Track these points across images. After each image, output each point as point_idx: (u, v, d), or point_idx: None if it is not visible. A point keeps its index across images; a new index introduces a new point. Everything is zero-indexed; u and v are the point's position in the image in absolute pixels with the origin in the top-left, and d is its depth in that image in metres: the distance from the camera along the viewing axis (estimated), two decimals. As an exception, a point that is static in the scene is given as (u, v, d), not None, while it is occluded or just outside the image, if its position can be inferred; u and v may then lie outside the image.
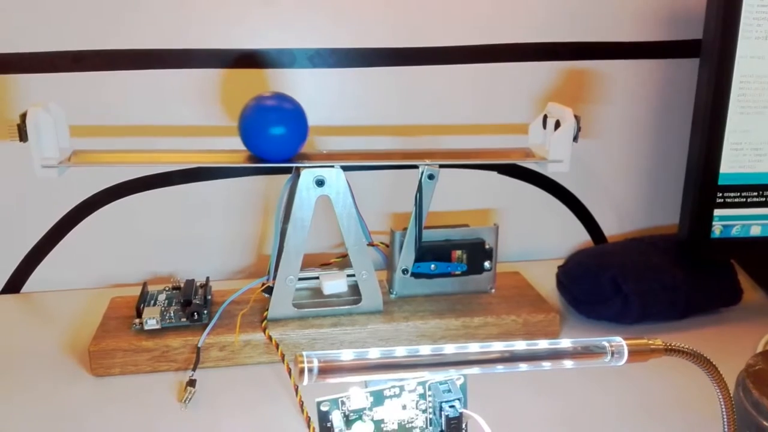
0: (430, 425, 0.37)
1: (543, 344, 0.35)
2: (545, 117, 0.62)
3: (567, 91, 0.77)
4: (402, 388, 0.36)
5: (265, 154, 0.57)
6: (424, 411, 0.36)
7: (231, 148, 0.59)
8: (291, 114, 0.56)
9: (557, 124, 0.59)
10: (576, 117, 0.59)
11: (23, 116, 0.53)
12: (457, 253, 0.63)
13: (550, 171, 0.60)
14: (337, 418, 0.34)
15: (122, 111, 0.70)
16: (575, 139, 0.59)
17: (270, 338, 0.57)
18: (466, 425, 0.36)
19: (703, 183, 0.64)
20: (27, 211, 0.72)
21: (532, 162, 0.61)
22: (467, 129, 0.76)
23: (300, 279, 0.60)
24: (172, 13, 0.68)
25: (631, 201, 0.83)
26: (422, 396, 0.36)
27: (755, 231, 0.67)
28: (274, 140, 0.55)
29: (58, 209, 0.72)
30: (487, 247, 0.63)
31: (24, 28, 0.66)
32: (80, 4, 0.66)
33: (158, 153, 0.60)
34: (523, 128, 0.64)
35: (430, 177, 0.59)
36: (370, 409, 0.35)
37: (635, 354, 0.35)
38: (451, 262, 0.63)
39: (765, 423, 0.40)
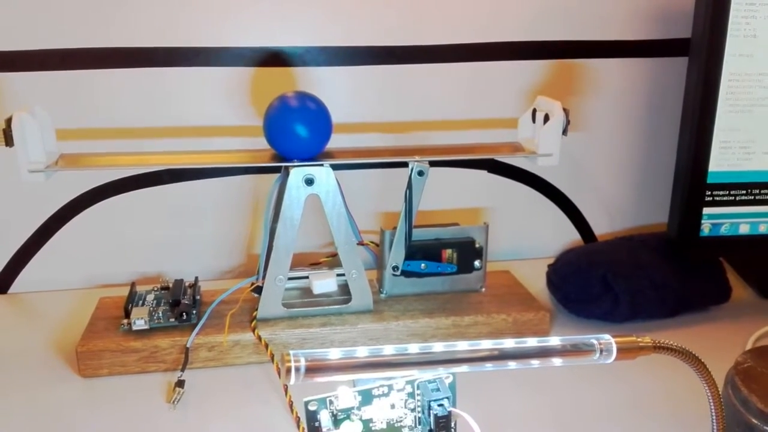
0: (419, 424, 0.37)
1: (532, 342, 0.35)
2: (534, 111, 0.62)
3: (556, 90, 0.77)
4: (390, 387, 0.36)
5: (291, 153, 0.57)
6: (413, 410, 0.36)
7: (221, 148, 0.59)
8: (317, 114, 0.57)
9: (546, 118, 0.59)
10: (565, 110, 0.59)
11: (8, 121, 0.52)
12: (448, 252, 0.63)
13: (539, 165, 0.60)
14: (325, 418, 0.34)
15: (111, 110, 0.70)
16: (564, 132, 0.59)
17: (259, 338, 0.57)
18: (455, 424, 0.36)
19: (692, 181, 0.65)
20: (14, 211, 0.71)
21: (522, 156, 0.61)
22: (457, 125, 0.76)
23: (289, 278, 0.60)
24: (160, 10, 0.68)
25: (620, 200, 0.83)
26: (411, 395, 0.36)
27: (744, 229, 0.67)
28: (300, 140, 0.56)
29: (46, 209, 0.72)
30: (477, 246, 0.63)
31: (12, 25, 0.66)
32: (69, 2, 0.66)
33: (147, 155, 0.59)
34: (513, 123, 0.64)
35: (420, 173, 0.59)
36: (359, 408, 0.35)
37: (624, 351, 0.35)
38: (441, 262, 0.63)
39: (754, 420, 0.41)
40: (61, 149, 0.57)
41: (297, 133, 0.55)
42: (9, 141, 0.52)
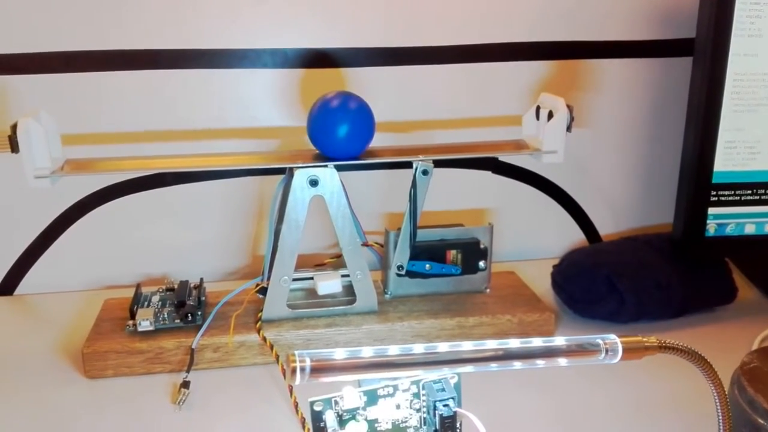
0: (424, 424, 0.36)
1: (537, 342, 0.35)
2: (538, 108, 0.62)
3: (560, 90, 0.77)
4: (396, 388, 0.36)
5: (335, 153, 0.57)
6: (418, 410, 0.36)
7: (225, 150, 0.59)
8: (359, 114, 0.57)
9: (550, 115, 0.59)
10: (569, 106, 0.59)
11: (14, 127, 0.52)
12: (452, 252, 0.62)
13: (544, 162, 0.60)
14: (330, 418, 0.34)
15: (115, 112, 0.70)
16: (569, 128, 0.59)
17: (264, 339, 0.57)
18: (460, 424, 0.36)
19: (698, 181, 0.64)
20: (20, 213, 0.71)
21: (527, 153, 0.61)
22: (461, 123, 0.76)
23: (294, 279, 0.60)
24: (163, 12, 0.68)
25: (625, 200, 0.83)
26: (416, 395, 0.36)
27: (750, 229, 0.67)
28: (342, 140, 0.56)
29: (51, 211, 0.72)
30: (481, 246, 0.63)
31: (16, 28, 0.66)
32: (73, 4, 0.66)
33: (151, 159, 0.59)
34: (517, 121, 0.64)
35: (424, 173, 0.59)
36: (364, 408, 0.35)
37: (629, 351, 0.35)
38: (446, 264, 0.62)
39: (760, 420, 0.40)
40: (66, 153, 0.57)
41: (340, 134, 0.56)
42: (15, 147, 0.52)
